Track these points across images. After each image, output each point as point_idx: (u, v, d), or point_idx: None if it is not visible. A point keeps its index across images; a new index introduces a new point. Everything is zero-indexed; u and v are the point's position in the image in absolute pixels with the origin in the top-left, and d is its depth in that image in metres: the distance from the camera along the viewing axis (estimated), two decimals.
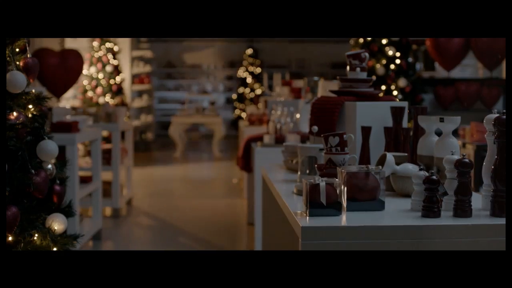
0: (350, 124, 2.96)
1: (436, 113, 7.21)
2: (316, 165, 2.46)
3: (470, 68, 8.67)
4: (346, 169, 2.11)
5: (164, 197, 8.02)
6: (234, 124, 16.82)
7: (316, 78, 5.22)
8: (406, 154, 2.54)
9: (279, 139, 4.65)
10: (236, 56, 17.47)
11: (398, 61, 6.30)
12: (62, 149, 4.39)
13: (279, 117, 4.87)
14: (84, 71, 10.70)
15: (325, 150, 2.43)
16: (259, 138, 5.05)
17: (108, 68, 10.75)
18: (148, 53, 15.00)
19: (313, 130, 2.80)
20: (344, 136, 2.42)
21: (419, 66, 7.68)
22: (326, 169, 2.40)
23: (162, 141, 15.31)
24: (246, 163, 5.07)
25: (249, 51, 16.99)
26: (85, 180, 5.29)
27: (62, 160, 3.03)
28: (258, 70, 17.01)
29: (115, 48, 10.87)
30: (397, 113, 2.94)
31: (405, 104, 3.10)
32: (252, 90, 16.84)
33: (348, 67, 3.20)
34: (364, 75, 3.16)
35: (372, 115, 2.97)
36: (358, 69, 3.13)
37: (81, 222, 5.09)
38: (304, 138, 4.76)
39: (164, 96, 17.37)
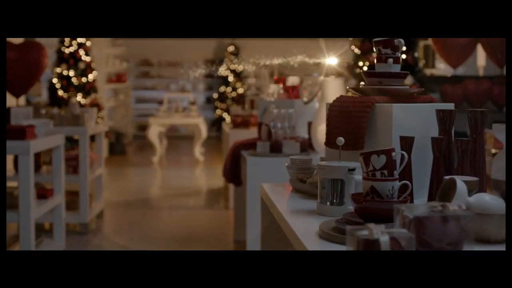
0: (383, 133, 2.21)
1: None
2: (351, 196, 1.70)
3: (466, 65, 7.99)
4: (411, 210, 1.36)
5: (140, 209, 7.22)
6: (215, 124, 16.05)
7: (315, 74, 4.47)
8: (477, 179, 1.79)
9: (275, 147, 3.89)
10: (217, 53, 16.68)
11: (404, 56, 5.59)
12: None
13: (274, 120, 4.11)
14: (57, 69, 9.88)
15: (366, 173, 1.68)
16: (249, 145, 4.29)
17: (80, 65, 9.90)
18: (124, 50, 14.18)
19: (338, 143, 2.04)
20: (393, 154, 1.67)
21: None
22: (366, 202, 1.65)
23: (140, 142, 14.48)
24: (235, 175, 4.30)
25: (231, 48, 16.22)
26: (44, 195, 4.48)
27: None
28: (240, 68, 16.24)
29: (88, 44, 10.01)
30: (446, 118, 2.21)
31: (451, 106, 2.38)
32: (234, 89, 16.09)
33: (376, 58, 2.44)
34: (397, 68, 2.41)
35: (411, 121, 2.23)
36: (390, 60, 2.38)
37: (39, 245, 4.29)
38: (304, 146, 4.01)
39: (142, 95, 16.57)
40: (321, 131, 4.01)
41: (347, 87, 2.53)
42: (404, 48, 5.92)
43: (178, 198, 7.91)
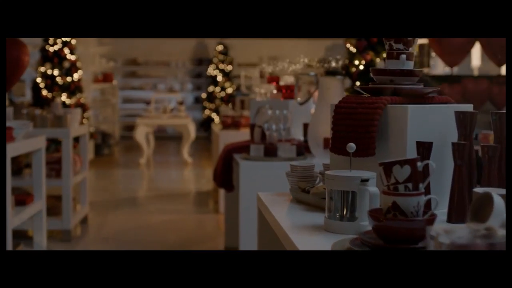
0: (396, 137, 1.98)
1: None
2: (369, 213, 1.45)
3: (460, 65, 7.77)
4: (449, 234, 1.11)
5: (126, 213, 6.95)
6: (204, 125, 15.80)
7: (312, 73, 4.23)
8: None
9: (270, 151, 3.65)
10: (205, 53, 16.43)
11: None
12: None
13: (268, 121, 3.87)
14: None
15: (387, 187, 1.44)
16: (242, 148, 4.04)
17: (65, 64, 9.61)
18: (110, 49, 13.90)
19: (349, 149, 1.80)
20: (418, 164, 1.43)
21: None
22: (388, 220, 1.41)
23: (127, 143, 14.19)
24: (227, 180, 4.05)
25: (220, 47, 15.96)
26: (23, 201, 4.21)
27: None
28: (229, 67, 16.00)
29: (73, 42, 9.72)
30: (466, 121, 1.99)
31: (469, 107, 2.17)
32: (223, 89, 15.84)
33: (386, 53, 2.21)
34: (410, 65, 2.18)
35: (427, 124, 2.00)
36: (403, 56, 2.15)
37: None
38: (300, 149, 3.77)
39: (129, 95, 16.28)
40: (319, 133, 3.77)
41: (354, 87, 2.28)
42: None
43: (166, 201, 7.65)
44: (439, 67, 9.04)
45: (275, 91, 4.89)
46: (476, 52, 7.38)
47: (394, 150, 1.97)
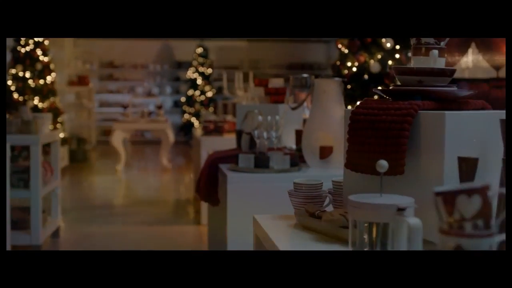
0: (430, 151, 1.60)
1: None
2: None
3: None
4: None
5: (102, 225, 6.50)
6: (183, 129, 15.38)
7: (305, 75, 3.85)
8: None
9: (261, 161, 3.25)
10: (184, 55, 15.98)
11: (397, 56, 4.99)
12: None
13: (258, 128, 3.48)
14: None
15: (447, 224, 1.06)
16: (229, 157, 3.64)
17: (38, 66, 9.14)
18: (86, 51, 13.43)
19: (379, 168, 1.41)
20: (488, 193, 1.05)
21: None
22: None
23: (103, 149, 13.70)
24: (211, 193, 3.65)
25: (199, 50, 15.56)
26: None
27: None
28: (209, 70, 15.60)
29: (46, 43, 9.24)
30: None
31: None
32: (203, 92, 15.43)
33: (412, 49, 1.84)
34: (442, 63, 1.81)
35: (466, 135, 1.62)
36: (434, 52, 1.78)
37: None
38: (294, 159, 3.38)
39: (105, 99, 15.80)
40: (314, 141, 3.40)
41: (373, 89, 1.91)
42: (397, 47, 5.38)
43: (144, 211, 7.21)
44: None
45: (263, 95, 4.51)
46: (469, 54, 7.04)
47: (428, 168, 1.60)
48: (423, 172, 1.60)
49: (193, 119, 15.14)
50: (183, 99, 15.81)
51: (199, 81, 15.43)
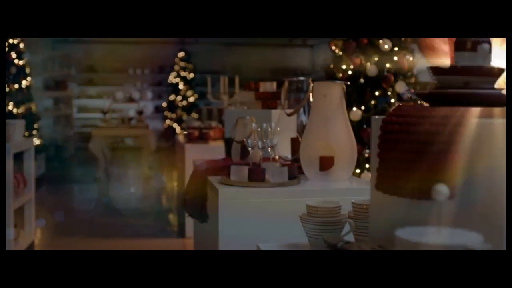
0: (488, 170, 1.27)
1: None
2: None
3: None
4: None
5: (81, 237, 6.12)
6: (165, 135, 14.99)
7: (301, 78, 3.52)
8: None
9: (256, 174, 2.90)
10: (166, 60, 15.60)
11: (395, 58, 4.66)
12: None
13: (251, 136, 3.13)
14: None
15: None
16: (219, 169, 3.30)
17: (12, 70, 8.71)
18: (64, 54, 13.01)
19: (438, 195, 1.07)
20: None
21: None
22: None
23: (83, 155, 13.25)
24: (200, 209, 3.30)
25: (181, 54, 15.20)
26: None
27: None
28: (191, 75, 15.24)
29: (21, 45, 8.82)
30: None
31: None
32: (185, 97, 15.07)
33: (455, 44, 1.52)
34: (489, 60, 1.49)
35: None
36: (484, 46, 1.46)
37: None
38: (292, 171, 3.04)
39: (85, 105, 15.37)
40: (313, 151, 3.06)
41: (407, 94, 1.57)
42: (396, 49, 5.06)
43: (125, 222, 6.83)
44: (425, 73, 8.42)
45: (253, 100, 4.18)
46: None
47: (484, 189, 1.27)
48: (479, 195, 1.27)
49: (175, 125, 14.78)
50: (164, 104, 15.44)
51: (181, 86, 15.08)
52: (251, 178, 2.91)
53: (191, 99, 15.08)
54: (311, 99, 3.32)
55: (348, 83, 3.17)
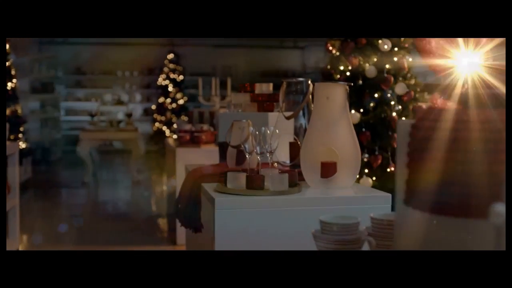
0: None
1: None
2: None
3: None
4: None
5: (67, 246, 5.90)
6: (154, 138, 14.76)
7: (300, 79, 3.33)
8: None
9: (254, 181, 2.71)
10: (155, 61, 15.37)
11: (395, 59, 4.46)
12: None
13: (247, 140, 2.95)
14: None
15: None
16: (213, 176, 3.11)
17: None
18: (51, 56, 12.76)
19: (496, 219, 0.89)
20: None
21: None
22: None
23: (70, 159, 13.01)
24: (194, 218, 3.10)
25: (170, 56, 14.99)
26: None
27: None
28: (180, 77, 15.03)
29: (6, 46, 8.59)
30: None
31: None
32: (174, 100, 14.85)
33: None
34: None
35: None
36: None
37: None
38: (293, 179, 2.85)
39: (73, 107, 15.11)
40: (314, 156, 2.88)
41: (439, 96, 1.40)
42: (395, 49, 4.88)
43: (114, 229, 6.62)
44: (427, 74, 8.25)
45: (248, 102, 3.98)
46: None
47: None
48: None
49: (164, 128, 14.56)
50: (153, 107, 15.22)
51: (170, 88, 14.86)
52: (249, 186, 2.72)
53: (181, 102, 14.87)
54: (311, 101, 3.14)
55: (352, 84, 2.98)
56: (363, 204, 2.70)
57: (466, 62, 2.21)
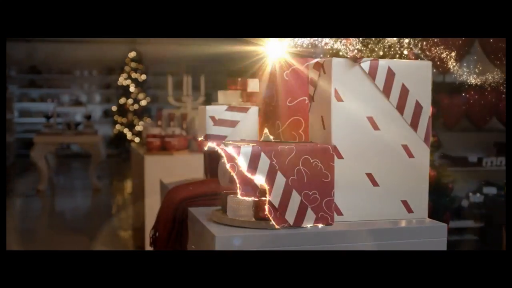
0: None
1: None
2: None
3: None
4: None
5: None
6: (114, 142, 13.98)
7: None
8: None
9: (259, 210, 1.99)
10: (116, 60, 14.57)
11: (405, 52, 3.87)
12: None
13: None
14: None
15: None
16: (202, 197, 2.39)
17: None
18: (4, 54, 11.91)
19: None
20: None
21: None
22: None
23: (24, 163, 12.15)
24: (177, 247, 2.38)
25: (132, 54, 14.21)
26: None
27: None
28: (143, 77, 14.26)
29: None
30: None
31: None
32: (136, 101, 14.08)
33: None
34: None
35: None
36: None
37: None
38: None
39: (27, 108, 14.31)
40: None
41: None
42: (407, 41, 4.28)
43: (72, 242, 5.87)
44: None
45: (237, 102, 3.29)
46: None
47: None
48: None
49: (126, 130, 13.78)
50: (114, 108, 14.42)
51: (132, 88, 14.10)
52: (259, 215, 2.01)
53: (143, 103, 14.14)
54: None
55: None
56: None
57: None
